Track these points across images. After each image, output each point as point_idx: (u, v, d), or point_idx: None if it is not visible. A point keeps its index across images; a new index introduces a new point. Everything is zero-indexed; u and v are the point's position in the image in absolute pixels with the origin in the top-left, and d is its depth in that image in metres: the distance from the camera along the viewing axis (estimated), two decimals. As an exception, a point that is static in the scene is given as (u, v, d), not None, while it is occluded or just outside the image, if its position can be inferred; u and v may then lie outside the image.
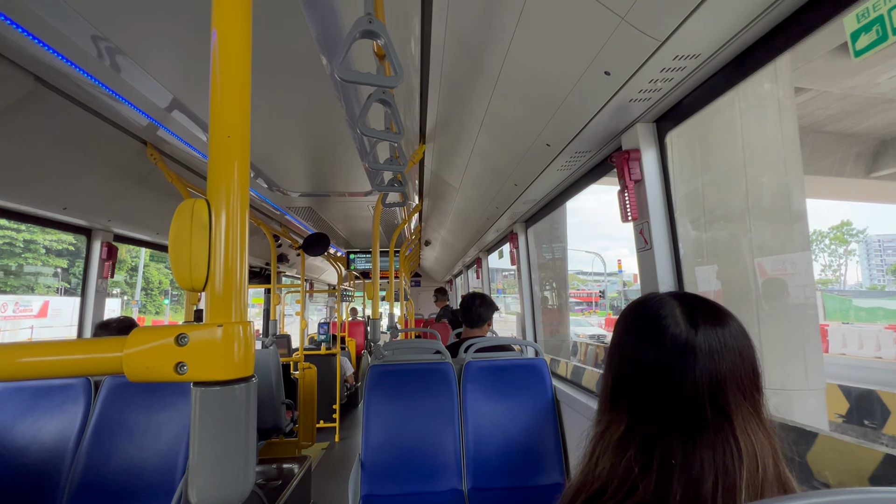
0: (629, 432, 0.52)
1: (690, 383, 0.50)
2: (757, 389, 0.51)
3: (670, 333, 0.52)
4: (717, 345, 0.51)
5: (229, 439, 0.43)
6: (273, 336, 4.02)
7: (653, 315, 0.55)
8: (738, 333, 0.52)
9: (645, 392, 0.53)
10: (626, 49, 1.07)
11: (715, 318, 0.53)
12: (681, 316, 0.54)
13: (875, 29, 0.74)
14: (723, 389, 0.50)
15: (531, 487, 1.87)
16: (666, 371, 0.51)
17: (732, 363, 0.50)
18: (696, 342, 0.51)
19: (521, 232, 3.34)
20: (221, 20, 0.48)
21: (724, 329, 0.52)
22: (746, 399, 0.50)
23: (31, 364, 0.43)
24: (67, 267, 22.12)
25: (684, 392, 0.50)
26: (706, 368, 0.50)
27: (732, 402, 0.49)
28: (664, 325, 0.53)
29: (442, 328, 5.50)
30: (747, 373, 0.51)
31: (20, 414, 1.75)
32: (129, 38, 1.31)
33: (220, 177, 0.46)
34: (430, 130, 2.29)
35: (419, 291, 10.67)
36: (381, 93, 1.22)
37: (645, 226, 1.49)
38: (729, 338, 0.52)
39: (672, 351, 0.52)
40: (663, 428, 0.50)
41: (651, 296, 0.59)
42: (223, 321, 0.44)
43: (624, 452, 0.52)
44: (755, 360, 0.52)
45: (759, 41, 1.04)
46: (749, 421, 0.49)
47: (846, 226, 29.81)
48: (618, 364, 0.57)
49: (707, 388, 0.50)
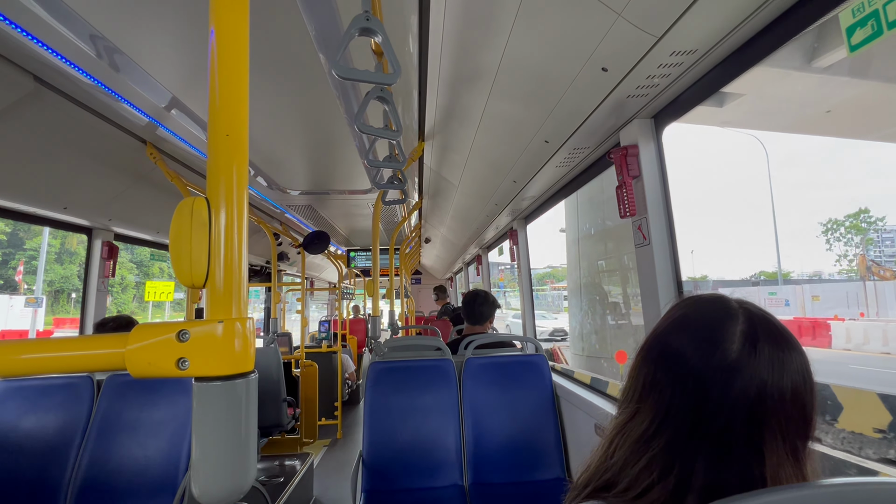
0: (653, 432, 0.50)
1: (726, 406, 0.46)
2: (801, 435, 0.47)
3: (722, 347, 0.48)
4: (768, 375, 0.46)
5: (230, 434, 0.44)
6: (274, 334, 4.03)
7: (712, 319, 0.51)
8: (798, 369, 0.48)
9: (678, 396, 0.49)
10: (623, 45, 1.07)
11: (777, 346, 0.48)
12: (740, 333, 0.49)
13: (870, 24, 0.74)
14: (759, 423, 0.46)
15: (531, 482, 1.88)
16: (705, 384, 0.48)
17: (779, 399, 0.46)
18: (745, 365, 0.47)
19: (521, 229, 3.35)
20: (219, 19, 0.48)
21: (782, 360, 0.47)
22: (786, 441, 0.46)
23: (34, 360, 0.44)
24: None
25: (717, 413, 0.47)
26: (746, 395, 0.46)
27: (769, 439, 0.46)
28: (720, 335, 0.49)
29: (442, 325, 5.52)
30: (792, 414, 0.47)
31: (24, 412, 1.77)
32: (128, 37, 1.31)
33: (220, 175, 0.47)
34: (428, 128, 2.29)
35: (419, 289, 10.68)
36: (379, 90, 1.22)
37: (643, 221, 1.49)
38: (784, 371, 0.47)
39: (718, 366, 0.48)
40: (689, 441, 0.47)
41: (716, 297, 0.54)
42: (224, 317, 0.44)
43: (642, 452, 0.49)
44: (807, 403, 0.48)
45: (756, 36, 1.04)
46: (783, 465, 0.45)
47: (864, 213, 28.79)
48: (656, 357, 0.53)
49: (743, 416, 0.46)
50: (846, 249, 29.10)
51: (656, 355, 0.53)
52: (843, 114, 1.74)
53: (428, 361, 2.08)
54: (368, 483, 1.86)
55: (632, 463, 0.49)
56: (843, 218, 29.25)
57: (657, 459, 0.48)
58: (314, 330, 7.17)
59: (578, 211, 6.00)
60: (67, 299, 25.37)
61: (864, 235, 28.40)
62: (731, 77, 1.15)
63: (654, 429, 0.49)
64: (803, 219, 78.66)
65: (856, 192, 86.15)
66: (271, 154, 2.42)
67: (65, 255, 25.63)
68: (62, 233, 2.66)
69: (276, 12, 1.23)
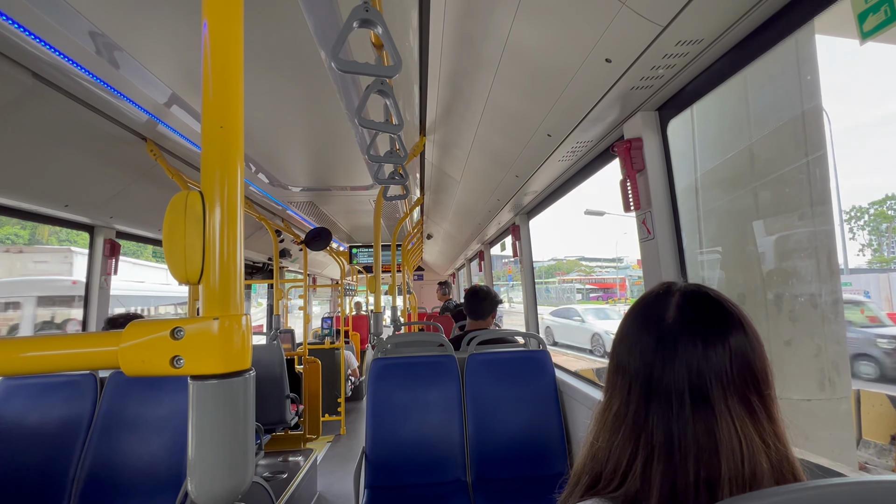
0: (623, 410, 0.54)
1: (670, 370, 0.51)
2: (750, 390, 0.50)
3: (661, 318, 0.54)
4: (704, 341, 0.51)
5: (228, 433, 0.43)
6: (277, 331, 4.04)
7: (652, 301, 0.57)
8: (734, 330, 0.52)
9: (634, 371, 0.54)
10: (627, 35, 1.05)
11: (710, 315, 0.53)
12: (674, 304, 0.55)
13: (883, 9, 0.72)
14: (704, 386, 0.50)
15: (535, 477, 1.88)
16: (652, 354, 0.53)
17: (719, 362, 0.50)
18: (680, 331, 0.52)
19: (523, 224, 3.33)
20: (212, 10, 0.47)
21: (719, 327, 0.52)
22: (739, 400, 0.50)
23: (27, 359, 0.43)
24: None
25: (663, 377, 0.51)
26: (686, 357, 0.51)
27: (717, 400, 0.49)
28: (660, 309, 0.55)
29: (445, 321, 5.52)
30: (739, 372, 0.50)
31: (28, 409, 1.77)
32: (127, 33, 1.30)
33: (214, 168, 0.45)
34: (430, 123, 2.27)
35: (422, 285, 10.68)
36: (379, 83, 1.21)
37: (648, 215, 1.47)
38: (721, 336, 0.51)
39: (658, 335, 0.53)
40: (647, 407, 0.52)
41: (662, 284, 0.59)
42: (219, 314, 0.43)
43: (617, 431, 0.54)
44: (753, 361, 0.51)
45: (763, 25, 1.01)
46: (740, 420, 0.49)
47: (891, 199, 27.53)
48: (618, 342, 0.59)
49: (687, 383, 0.50)
50: (870, 238, 27.82)
51: (618, 341, 0.59)
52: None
53: (430, 357, 2.08)
54: (372, 479, 1.86)
55: (611, 445, 0.53)
56: (868, 205, 27.86)
57: (627, 433, 0.52)
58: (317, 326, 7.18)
59: (696, 137, 2.38)
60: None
61: (891, 224, 26.81)
62: (738, 67, 1.12)
63: (624, 407, 0.54)
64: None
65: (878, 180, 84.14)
66: (272, 150, 2.41)
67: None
68: (31, 223, 2.56)
69: (275, 5, 1.22)
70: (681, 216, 1.43)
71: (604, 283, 29.82)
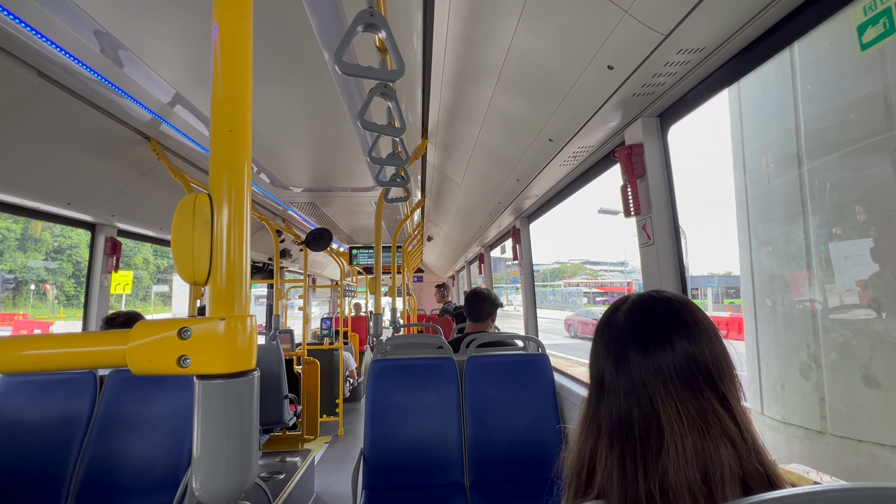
0: (593, 410, 0.58)
1: (620, 380, 0.55)
2: (705, 386, 0.52)
3: (614, 324, 0.59)
4: (646, 346, 0.54)
5: (232, 432, 0.44)
6: (276, 331, 4.04)
7: (610, 313, 0.62)
8: (680, 333, 0.54)
9: (595, 383, 0.59)
10: (629, 43, 1.06)
11: (653, 319, 0.56)
12: (624, 311, 0.59)
13: (882, 21, 0.73)
14: (646, 389, 0.53)
15: (532, 481, 1.88)
16: (603, 366, 0.57)
17: (664, 364, 0.53)
18: (627, 342, 0.56)
19: (524, 228, 3.34)
20: (223, 14, 0.48)
21: (661, 330, 0.55)
22: (691, 396, 0.51)
23: (35, 357, 0.44)
24: None
25: (615, 387, 0.55)
26: (634, 367, 0.54)
27: (663, 400, 0.52)
28: (614, 317, 0.60)
29: (444, 323, 5.52)
30: (687, 371, 0.52)
31: (27, 406, 1.77)
32: (131, 33, 1.31)
33: (222, 171, 0.46)
34: (432, 126, 2.28)
35: (421, 287, 10.68)
36: (382, 87, 1.21)
37: (648, 221, 1.48)
38: (663, 339, 0.54)
39: (610, 337, 0.58)
40: (604, 402, 0.56)
41: (625, 296, 0.64)
42: (226, 314, 0.44)
43: (588, 428, 0.58)
44: (701, 358, 0.53)
45: (765, 34, 1.02)
46: (688, 416, 0.50)
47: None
48: (591, 353, 0.63)
49: (632, 386, 0.54)
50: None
51: (592, 352, 0.63)
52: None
53: (430, 360, 2.08)
54: (369, 480, 1.86)
55: (583, 450, 0.57)
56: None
57: (592, 429, 0.57)
58: (316, 327, 7.18)
59: (799, 86, 2.47)
60: (29, 292, 23.23)
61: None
62: (739, 76, 1.13)
63: (594, 407, 0.58)
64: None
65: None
66: (275, 151, 2.42)
67: (28, 241, 23.58)
68: (23, 218, 2.58)
69: (280, 8, 1.23)
70: (777, 195, 1.15)
71: (610, 287, 30.06)
